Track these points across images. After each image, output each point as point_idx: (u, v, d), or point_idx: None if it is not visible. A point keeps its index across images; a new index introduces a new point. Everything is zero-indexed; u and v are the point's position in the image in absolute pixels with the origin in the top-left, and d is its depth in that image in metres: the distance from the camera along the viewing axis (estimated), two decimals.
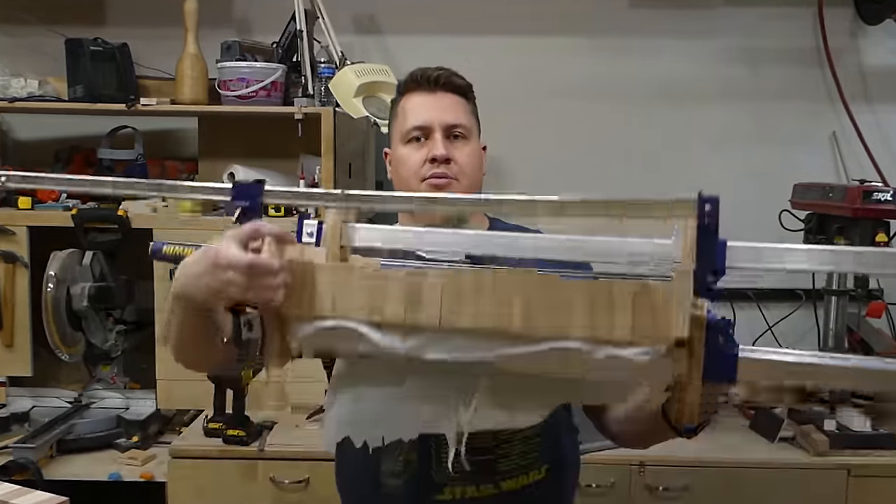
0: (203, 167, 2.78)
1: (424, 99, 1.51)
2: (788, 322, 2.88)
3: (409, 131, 1.50)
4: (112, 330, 2.52)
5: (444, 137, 1.49)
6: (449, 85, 1.52)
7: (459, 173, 1.49)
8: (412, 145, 1.50)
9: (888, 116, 2.90)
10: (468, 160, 1.50)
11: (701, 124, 2.94)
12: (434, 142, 1.48)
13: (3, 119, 2.86)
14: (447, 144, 1.48)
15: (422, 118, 1.49)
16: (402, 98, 1.55)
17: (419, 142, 1.50)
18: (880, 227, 2.32)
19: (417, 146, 1.50)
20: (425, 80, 1.52)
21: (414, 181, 1.50)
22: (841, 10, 2.89)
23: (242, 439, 2.19)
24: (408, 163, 1.50)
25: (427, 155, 1.48)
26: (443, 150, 1.47)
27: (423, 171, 1.48)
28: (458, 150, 1.50)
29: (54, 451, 2.30)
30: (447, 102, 1.51)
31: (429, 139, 1.49)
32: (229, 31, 2.84)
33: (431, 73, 1.52)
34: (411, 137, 1.50)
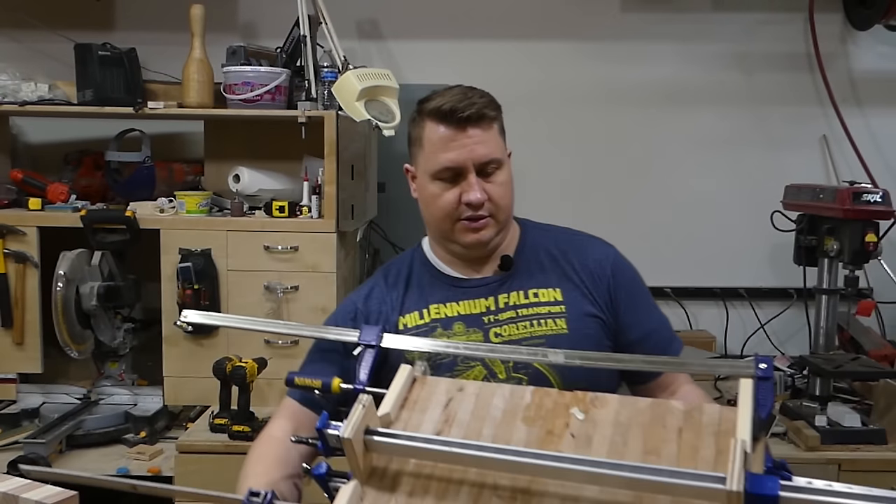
0: (209, 169, 2.78)
1: (453, 134, 1.41)
2: (780, 320, 2.89)
3: (439, 171, 1.43)
4: (120, 328, 2.51)
5: (477, 174, 1.41)
6: (480, 119, 1.42)
7: (495, 209, 1.44)
8: (443, 183, 1.43)
9: (877, 119, 2.90)
10: (502, 192, 1.44)
11: (694, 127, 2.94)
12: (469, 184, 1.41)
13: (14, 122, 2.86)
14: (482, 184, 1.41)
15: (452, 158, 1.41)
16: (427, 124, 1.45)
17: (450, 180, 1.42)
18: (870, 228, 2.32)
19: (448, 185, 1.43)
20: (455, 119, 1.41)
21: (447, 221, 1.45)
22: (831, 15, 2.89)
23: (248, 435, 2.18)
24: (439, 203, 1.44)
25: (461, 197, 1.42)
26: (479, 195, 1.40)
27: (458, 212, 1.43)
28: (492, 184, 1.43)
29: (64, 447, 2.29)
30: (477, 136, 1.41)
31: (461, 178, 1.42)
32: (235, 36, 2.84)
33: (460, 109, 1.40)
34: (442, 177, 1.43)
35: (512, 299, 1.47)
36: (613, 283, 1.49)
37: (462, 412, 1.11)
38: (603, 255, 1.52)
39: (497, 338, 1.44)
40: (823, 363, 2.30)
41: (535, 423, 1.08)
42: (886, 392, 2.34)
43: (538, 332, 1.44)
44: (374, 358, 1.26)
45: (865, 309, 2.56)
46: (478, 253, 1.50)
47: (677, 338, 1.56)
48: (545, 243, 1.54)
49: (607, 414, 1.07)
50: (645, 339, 1.49)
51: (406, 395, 1.14)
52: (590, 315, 1.46)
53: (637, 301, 1.51)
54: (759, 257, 2.92)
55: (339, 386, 1.25)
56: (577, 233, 1.59)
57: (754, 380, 1.08)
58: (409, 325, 1.49)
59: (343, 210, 2.43)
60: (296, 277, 2.41)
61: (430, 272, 1.55)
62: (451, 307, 1.49)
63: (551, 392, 1.13)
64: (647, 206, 2.91)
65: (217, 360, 2.25)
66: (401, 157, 2.94)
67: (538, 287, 1.48)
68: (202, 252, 2.40)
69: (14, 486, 0.86)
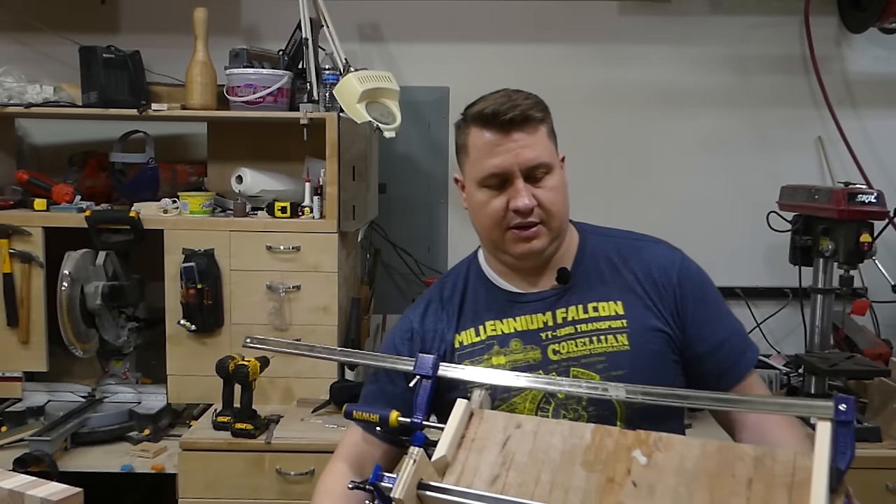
0: (212, 170, 2.78)
1: (497, 139, 1.34)
2: (776, 319, 2.89)
3: (485, 177, 1.36)
4: (124, 327, 2.52)
5: (525, 179, 1.34)
6: (525, 122, 1.35)
7: (545, 216, 1.36)
8: (490, 191, 1.36)
9: (872, 121, 2.90)
10: (553, 197, 1.36)
11: (691, 129, 2.94)
12: (516, 190, 1.33)
13: (20, 124, 2.86)
14: (529, 189, 1.34)
15: (498, 164, 1.34)
16: (471, 130, 1.39)
17: (497, 186, 1.35)
18: (864, 228, 2.32)
19: (496, 192, 1.36)
20: (498, 123, 1.34)
21: (497, 230, 1.38)
22: (826, 18, 2.89)
23: (250, 432, 2.19)
24: (487, 210, 1.37)
25: (509, 203, 1.34)
26: (526, 201, 1.33)
27: (506, 221, 1.36)
28: (542, 189, 1.35)
29: (69, 444, 2.29)
30: (523, 140, 1.34)
31: (508, 184, 1.34)
32: (237, 39, 2.84)
33: (505, 114, 1.33)
34: (489, 184, 1.36)
35: (570, 314, 1.38)
36: (680, 292, 1.39)
37: (520, 453, 1.05)
38: (668, 262, 1.42)
39: (555, 355, 1.36)
40: (819, 362, 2.30)
41: (595, 467, 1.02)
42: (881, 390, 2.34)
43: (598, 350, 1.35)
44: (430, 388, 1.23)
45: (860, 308, 2.56)
46: (531, 263, 1.42)
47: (752, 345, 1.46)
48: (605, 251, 1.45)
49: (671, 459, 1.00)
50: (715, 350, 1.39)
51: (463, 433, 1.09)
52: (654, 329, 1.36)
53: (706, 310, 1.41)
54: (756, 257, 2.92)
55: (396, 420, 1.22)
56: (640, 237, 1.50)
57: (833, 423, 0.99)
58: (465, 342, 1.42)
59: (344, 210, 2.43)
60: (298, 277, 2.41)
61: (485, 286, 1.47)
62: (507, 323, 1.41)
63: (613, 431, 1.06)
64: (645, 206, 2.91)
65: (220, 359, 2.25)
66: (401, 159, 2.97)
67: (598, 300, 1.39)
68: (205, 252, 2.41)
69: (19, 483, 0.86)
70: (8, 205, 2.56)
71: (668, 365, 1.37)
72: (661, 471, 0.99)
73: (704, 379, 1.39)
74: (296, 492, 2.16)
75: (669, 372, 1.37)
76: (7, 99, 2.49)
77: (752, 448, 1.00)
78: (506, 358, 1.38)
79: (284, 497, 2.16)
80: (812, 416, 1.02)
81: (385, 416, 1.23)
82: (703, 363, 1.39)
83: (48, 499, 0.83)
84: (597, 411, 1.32)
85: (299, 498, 2.15)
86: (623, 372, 1.33)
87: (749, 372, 1.42)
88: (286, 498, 2.16)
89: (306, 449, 2.17)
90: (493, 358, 1.39)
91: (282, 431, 2.24)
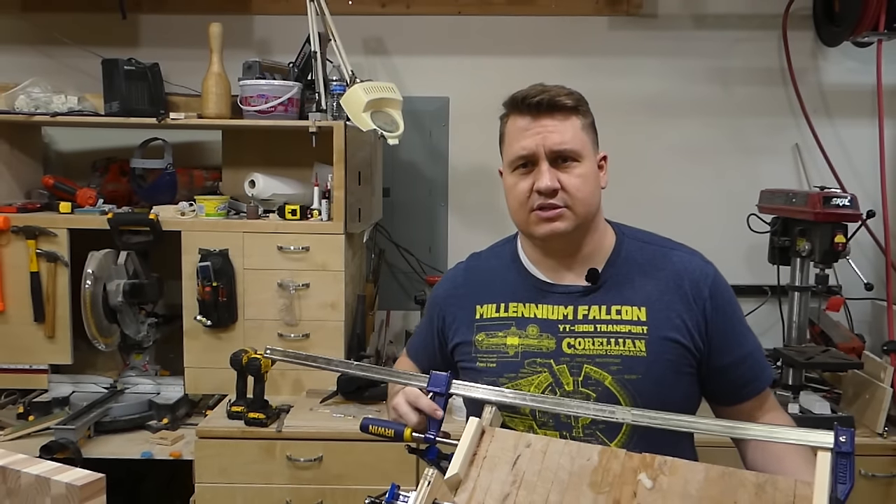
0: (226, 175, 2.78)
1: (527, 123, 1.32)
2: (755, 316, 2.88)
3: (514, 160, 1.33)
4: (144, 322, 2.52)
5: (551, 164, 1.30)
6: (553, 107, 1.31)
7: (570, 201, 1.30)
8: (518, 173, 1.33)
9: (846, 129, 2.90)
10: (579, 184, 1.31)
11: (676, 137, 2.93)
12: (540, 172, 1.30)
13: (47, 132, 2.86)
14: (553, 173, 1.30)
15: (525, 146, 1.31)
16: (508, 120, 1.37)
17: (525, 168, 1.32)
18: (839, 230, 2.32)
19: (524, 174, 1.32)
20: (526, 106, 1.32)
21: (523, 212, 1.34)
22: (803, 33, 2.88)
23: (262, 421, 2.19)
24: (515, 192, 1.34)
25: (533, 185, 1.31)
26: (548, 182, 1.29)
27: (531, 202, 1.32)
28: (567, 175, 1.31)
29: (92, 432, 2.29)
30: (552, 125, 1.31)
31: (535, 167, 1.31)
32: (250, 52, 2.84)
33: (533, 97, 1.31)
34: (517, 165, 1.33)
35: (592, 313, 1.34)
36: (710, 305, 1.34)
37: (529, 472, 1.03)
38: (702, 276, 1.36)
39: (570, 349, 1.32)
40: (796, 355, 2.30)
41: (603, 489, 1.00)
42: (854, 382, 2.34)
43: (614, 352, 1.30)
44: (444, 403, 1.20)
45: (835, 305, 2.56)
46: (557, 245, 1.36)
47: (768, 364, 1.42)
48: (639, 257, 1.40)
49: (676, 483, 0.98)
50: (738, 363, 1.36)
51: (475, 450, 1.07)
52: (672, 340, 1.31)
53: (733, 325, 1.37)
54: (736, 257, 2.92)
55: (410, 435, 1.20)
56: (676, 246, 1.44)
57: (833, 454, 0.96)
58: (486, 315, 1.40)
59: (351, 213, 2.43)
60: (307, 276, 2.41)
61: (517, 268, 1.43)
62: (529, 308, 1.37)
63: (619, 454, 1.04)
64: (632, 210, 2.87)
65: (234, 353, 2.26)
66: (404, 164, 2.97)
67: (623, 304, 1.33)
68: (220, 252, 2.40)
69: (45, 469, 0.86)
70: (35, 208, 2.56)
71: (682, 376, 1.33)
72: (666, 495, 0.98)
73: (724, 390, 1.37)
74: (305, 477, 2.16)
75: (682, 382, 1.33)
76: (34, 108, 2.49)
77: (754, 475, 0.98)
78: (520, 340, 1.35)
79: (295, 482, 2.16)
80: (813, 447, 1.00)
81: (399, 431, 1.21)
82: (725, 375, 1.35)
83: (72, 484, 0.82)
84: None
85: (309, 483, 2.15)
86: (637, 377, 1.29)
87: (765, 390, 1.39)
88: (296, 483, 2.16)
89: (315, 437, 2.17)
90: (508, 337, 1.36)
91: (292, 420, 2.24)
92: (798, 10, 2.87)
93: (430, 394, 1.23)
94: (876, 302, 2.78)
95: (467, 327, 1.40)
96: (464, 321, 1.42)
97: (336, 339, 2.44)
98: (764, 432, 1.08)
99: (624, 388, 1.29)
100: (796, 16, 2.87)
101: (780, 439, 1.06)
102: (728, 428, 1.09)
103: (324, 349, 2.40)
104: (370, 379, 1.57)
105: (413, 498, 0.99)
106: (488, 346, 1.37)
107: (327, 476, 2.16)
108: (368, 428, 1.24)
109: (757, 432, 1.08)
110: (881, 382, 2.20)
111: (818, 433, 1.02)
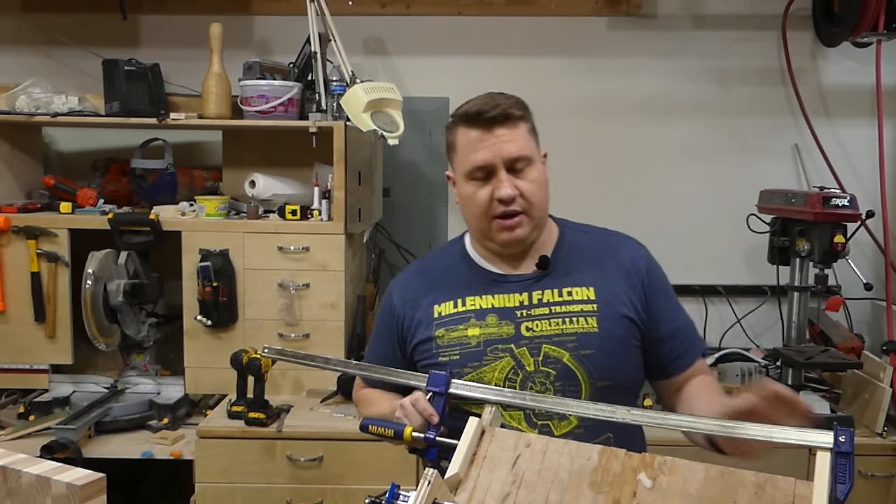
0: (227, 175, 2.78)
1: (482, 135, 1.38)
2: (755, 315, 2.89)
3: (472, 171, 1.40)
4: (145, 322, 2.51)
5: (507, 171, 1.38)
6: (506, 119, 1.39)
7: (527, 206, 1.40)
8: (476, 182, 1.40)
9: (845, 130, 2.90)
10: (534, 188, 1.40)
11: (675, 137, 2.93)
12: (499, 181, 1.38)
13: (47, 132, 2.86)
14: (511, 180, 1.38)
15: (482, 158, 1.38)
16: (458, 129, 1.43)
17: (482, 179, 1.40)
18: (838, 230, 2.32)
19: (482, 183, 1.40)
20: (481, 121, 1.39)
21: (484, 219, 1.41)
22: (802, 33, 2.89)
23: (262, 421, 2.19)
24: (475, 201, 1.41)
25: (493, 193, 1.38)
26: (509, 191, 1.37)
27: (491, 210, 1.39)
28: (523, 180, 1.39)
29: (92, 432, 2.29)
30: (506, 136, 1.38)
31: (492, 175, 1.39)
32: (250, 52, 2.84)
33: (487, 113, 1.38)
34: (475, 176, 1.40)
35: (546, 296, 1.42)
36: (647, 280, 1.45)
37: (529, 472, 1.04)
38: (638, 256, 1.49)
39: (528, 332, 1.40)
40: (795, 355, 2.30)
41: (602, 488, 1.00)
42: (853, 381, 2.34)
43: (569, 330, 1.39)
44: (444, 404, 1.23)
45: (834, 305, 2.56)
46: (515, 250, 1.46)
47: (700, 340, 1.53)
48: (582, 243, 1.50)
49: (676, 483, 0.99)
50: (672, 335, 1.46)
51: (475, 450, 1.08)
52: (621, 315, 1.41)
53: (668, 299, 1.48)
54: (736, 257, 2.92)
55: (410, 435, 1.21)
56: (614, 233, 1.56)
57: (832, 454, 0.97)
58: (444, 313, 1.45)
59: (351, 213, 2.43)
60: (307, 276, 2.41)
61: (468, 266, 1.50)
62: (486, 299, 1.44)
63: (619, 454, 1.05)
64: (632, 210, 2.90)
65: (234, 353, 2.26)
66: (404, 165, 2.97)
67: (573, 286, 1.43)
68: (220, 252, 2.40)
69: (46, 468, 0.86)
70: (36, 208, 2.55)
71: (630, 349, 1.42)
72: (666, 495, 0.98)
73: (661, 361, 1.46)
74: (305, 477, 2.16)
75: (631, 356, 1.43)
76: (35, 109, 2.49)
77: (753, 475, 0.99)
78: (480, 330, 1.42)
79: (295, 482, 2.16)
80: (812, 447, 1.01)
81: (399, 431, 1.23)
82: (661, 346, 1.45)
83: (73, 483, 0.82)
84: (563, 386, 1.36)
85: (309, 483, 2.15)
86: (591, 351, 1.38)
87: (698, 359, 1.49)
88: (297, 483, 2.16)
89: (315, 437, 2.17)
90: (469, 329, 1.42)
91: (292, 420, 2.24)
92: (797, 10, 2.87)
93: (430, 394, 1.23)
94: (875, 302, 2.78)
95: (426, 327, 1.46)
96: (422, 322, 1.47)
97: (336, 339, 2.44)
98: (764, 432, 1.09)
99: (581, 364, 1.37)
100: (796, 16, 2.87)
101: (780, 439, 1.07)
102: (728, 428, 1.10)
103: (324, 349, 2.40)
104: (370, 379, 1.57)
105: (413, 498, 0.99)
106: (450, 340, 1.42)
107: (327, 476, 2.16)
108: (368, 428, 1.26)
109: (756, 432, 1.09)
110: (880, 382, 2.20)
111: (818, 433, 1.03)
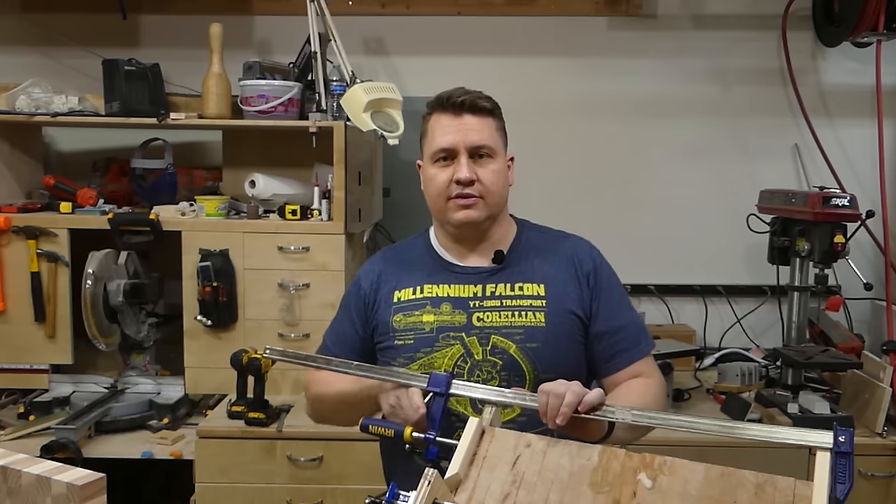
0: (227, 175, 2.78)
1: (450, 121, 1.47)
2: (755, 315, 2.89)
3: (436, 152, 1.47)
4: (145, 322, 2.51)
5: (469, 158, 1.45)
6: (474, 108, 1.47)
7: (484, 192, 1.46)
8: (439, 165, 1.47)
9: (845, 129, 2.90)
10: (492, 178, 1.47)
11: (675, 137, 2.93)
12: (459, 164, 1.45)
13: (47, 132, 2.86)
14: (471, 165, 1.45)
15: (447, 140, 1.46)
16: (431, 117, 1.51)
17: (445, 161, 1.47)
18: (838, 230, 2.32)
19: (444, 166, 1.47)
20: (451, 105, 1.47)
21: (441, 199, 1.48)
22: (802, 33, 2.89)
23: (262, 421, 2.19)
24: (435, 181, 1.48)
25: (453, 176, 1.45)
26: (467, 174, 1.44)
27: (449, 191, 1.46)
28: (483, 169, 1.46)
29: (92, 432, 2.29)
30: (472, 124, 1.46)
31: (454, 160, 1.46)
32: (250, 52, 2.84)
33: (457, 97, 1.47)
34: (438, 158, 1.47)
35: (499, 290, 1.49)
36: (594, 277, 1.51)
37: (529, 472, 1.04)
38: (587, 256, 1.54)
39: (479, 322, 1.45)
40: (795, 355, 2.30)
41: (602, 489, 1.00)
42: (853, 381, 2.34)
43: (517, 323, 1.45)
44: (444, 405, 1.23)
45: (834, 305, 2.56)
46: (468, 232, 1.51)
47: (648, 340, 1.53)
48: (537, 242, 1.56)
49: (676, 483, 0.99)
50: (611, 333, 1.48)
51: (475, 450, 1.08)
52: (569, 312, 1.47)
53: (612, 297, 1.51)
54: (736, 257, 2.92)
55: (410, 435, 1.22)
56: (568, 235, 1.61)
57: (832, 454, 0.97)
58: (403, 298, 1.52)
59: (351, 213, 2.42)
60: (307, 276, 2.41)
61: (430, 255, 1.57)
62: (442, 288, 1.51)
63: (619, 454, 1.05)
64: (633, 210, 2.90)
65: (234, 353, 2.25)
66: (404, 165, 2.96)
67: (524, 281, 1.49)
68: (220, 252, 2.40)
69: (46, 468, 0.86)
70: (36, 208, 2.55)
71: (575, 343, 1.47)
72: (666, 495, 0.98)
73: (598, 357, 1.49)
74: (305, 477, 2.16)
75: (575, 350, 1.47)
76: (35, 109, 2.49)
77: (753, 475, 0.99)
78: (435, 317, 1.48)
79: (295, 482, 2.16)
80: (812, 447, 1.01)
81: (399, 431, 1.23)
82: (598, 342, 1.48)
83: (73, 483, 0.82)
84: (508, 376, 1.41)
85: (309, 483, 2.15)
86: (537, 345, 1.43)
87: (640, 360, 1.49)
88: (296, 483, 2.16)
89: (315, 437, 2.16)
90: (424, 315, 1.48)
91: (292, 420, 2.24)
92: (797, 10, 2.87)
93: (431, 394, 1.23)
94: (875, 302, 2.78)
95: (384, 310, 1.52)
96: (382, 304, 1.54)
97: None
98: (763, 433, 1.09)
99: (526, 356, 1.43)
100: (796, 16, 2.87)
101: (780, 440, 1.08)
102: (728, 428, 1.10)
103: None
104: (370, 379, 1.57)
105: (413, 498, 0.99)
106: (406, 324, 1.48)
107: (327, 476, 2.16)
108: (368, 428, 1.27)
109: (756, 432, 1.09)
110: (880, 382, 2.20)
111: (817, 433, 1.03)
